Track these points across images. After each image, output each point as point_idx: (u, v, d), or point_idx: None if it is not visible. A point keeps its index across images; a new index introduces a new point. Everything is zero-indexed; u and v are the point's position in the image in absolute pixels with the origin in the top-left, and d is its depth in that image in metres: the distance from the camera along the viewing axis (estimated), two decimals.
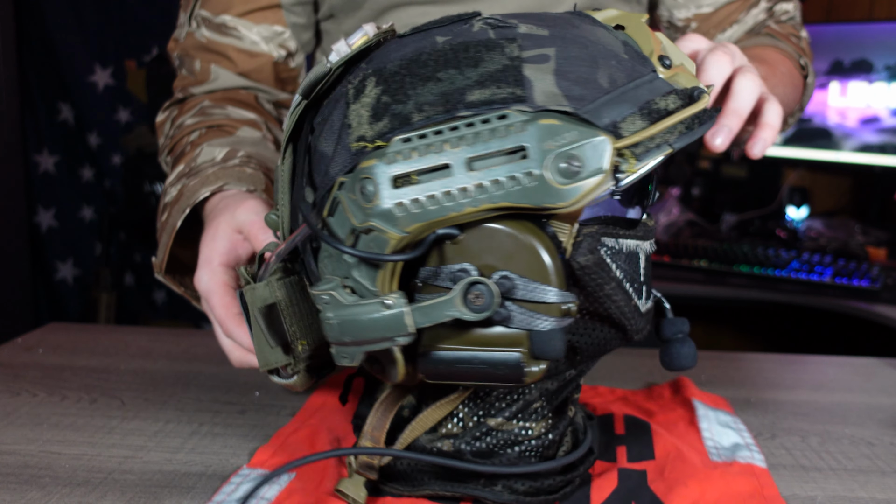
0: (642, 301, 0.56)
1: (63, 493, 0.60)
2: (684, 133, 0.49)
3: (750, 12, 0.96)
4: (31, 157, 2.50)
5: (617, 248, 0.53)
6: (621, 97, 0.48)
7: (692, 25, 0.97)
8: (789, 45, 0.93)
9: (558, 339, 0.49)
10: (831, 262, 1.85)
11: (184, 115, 0.89)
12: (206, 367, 0.90)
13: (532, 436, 0.60)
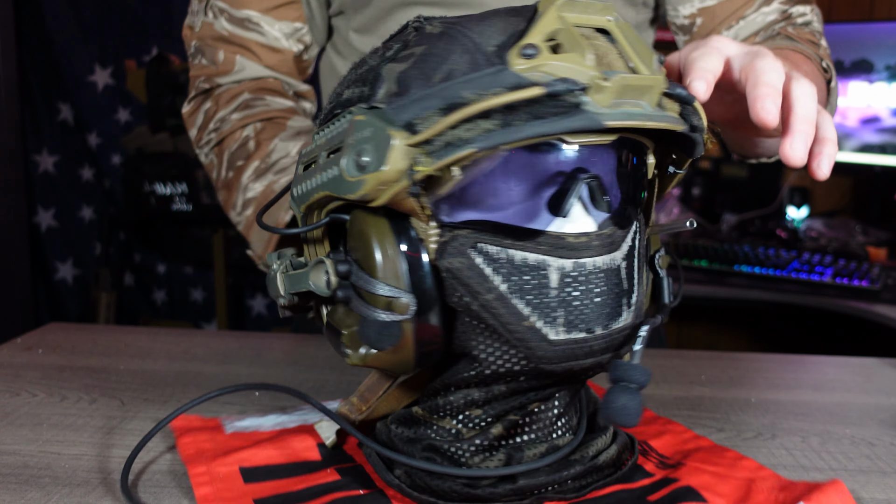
0: (554, 327, 0.51)
1: (63, 493, 0.60)
2: (496, 130, 0.46)
3: (760, 10, 0.90)
4: (31, 157, 2.51)
5: (503, 257, 0.51)
6: (438, 93, 0.47)
7: (697, 21, 0.93)
8: (809, 47, 0.87)
9: (383, 330, 0.51)
10: (831, 262, 1.85)
11: (223, 108, 0.91)
12: (206, 367, 0.90)
13: (449, 437, 0.57)
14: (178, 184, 2.40)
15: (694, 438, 0.69)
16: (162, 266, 2.84)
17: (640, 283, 0.55)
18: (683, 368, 0.93)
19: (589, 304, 0.51)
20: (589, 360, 0.52)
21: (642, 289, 0.56)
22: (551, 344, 0.51)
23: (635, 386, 0.50)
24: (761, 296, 1.80)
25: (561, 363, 0.52)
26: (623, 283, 0.53)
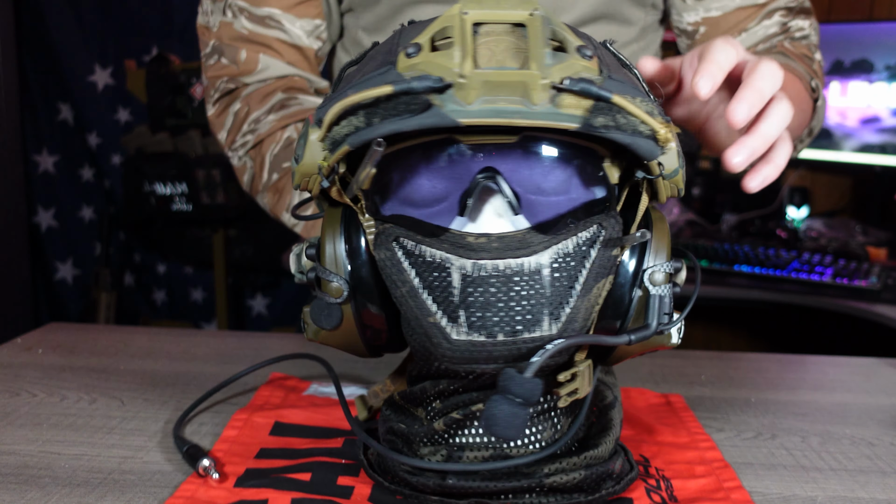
0: (456, 327, 0.51)
1: (63, 493, 0.60)
2: (363, 128, 0.47)
3: (761, 23, 0.93)
4: (31, 157, 2.51)
5: (417, 253, 0.52)
6: (340, 92, 0.50)
7: (701, 30, 0.95)
8: (801, 65, 0.90)
9: (323, 311, 0.56)
10: (831, 262, 1.85)
11: (256, 108, 0.90)
12: (206, 367, 0.90)
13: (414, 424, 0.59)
14: (178, 184, 2.40)
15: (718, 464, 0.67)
16: (162, 266, 2.84)
17: (582, 295, 0.52)
18: (683, 368, 0.93)
19: (492, 308, 0.51)
20: (490, 365, 0.51)
21: (588, 302, 0.53)
22: (452, 343, 0.51)
23: (517, 399, 0.48)
24: (761, 296, 1.80)
25: (462, 364, 0.52)
26: (547, 290, 0.51)
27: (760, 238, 2.11)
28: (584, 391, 0.57)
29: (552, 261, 0.51)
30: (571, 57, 0.48)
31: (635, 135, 0.48)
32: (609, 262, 0.53)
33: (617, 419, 0.62)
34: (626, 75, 0.52)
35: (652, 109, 0.49)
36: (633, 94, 0.49)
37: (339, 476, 0.61)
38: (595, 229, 0.53)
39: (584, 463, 0.57)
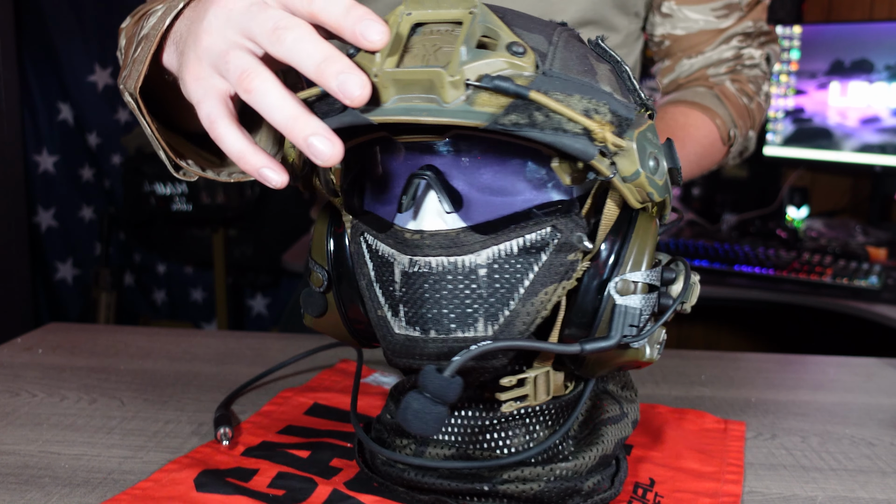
0: (398, 321, 0.52)
1: (63, 493, 0.60)
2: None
3: (718, 48, 1.01)
4: (31, 157, 2.51)
5: (374, 247, 0.54)
6: None
7: (665, 43, 1.03)
8: (731, 111, 0.98)
9: (308, 299, 0.60)
10: (831, 262, 1.85)
11: None
12: (206, 367, 0.90)
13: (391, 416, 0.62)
14: (178, 184, 2.41)
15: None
16: (162, 266, 2.84)
17: (525, 299, 0.51)
18: (683, 368, 0.93)
19: (426, 305, 0.51)
20: (423, 361, 0.51)
21: (532, 307, 0.51)
22: (393, 337, 0.53)
23: (428, 395, 0.47)
24: (761, 296, 1.80)
25: (400, 358, 0.52)
26: (483, 291, 0.51)
27: (760, 238, 2.11)
28: (536, 399, 0.56)
29: (490, 262, 0.51)
30: (496, 54, 0.46)
31: (558, 133, 0.45)
32: (563, 267, 0.52)
33: (611, 436, 0.58)
34: (588, 72, 0.49)
35: (598, 107, 0.47)
36: (573, 92, 0.47)
37: (334, 458, 0.64)
38: (548, 232, 0.51)
39: (549, 475, 0.55)
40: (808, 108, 2.18)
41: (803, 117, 2.19)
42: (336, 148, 0.45)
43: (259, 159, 0.49)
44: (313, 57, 0.45)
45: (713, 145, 0.98)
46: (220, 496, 0.58)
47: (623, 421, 0.60)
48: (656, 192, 0.50)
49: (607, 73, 0.51)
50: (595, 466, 0.57)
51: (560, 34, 0.51)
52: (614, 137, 0.46)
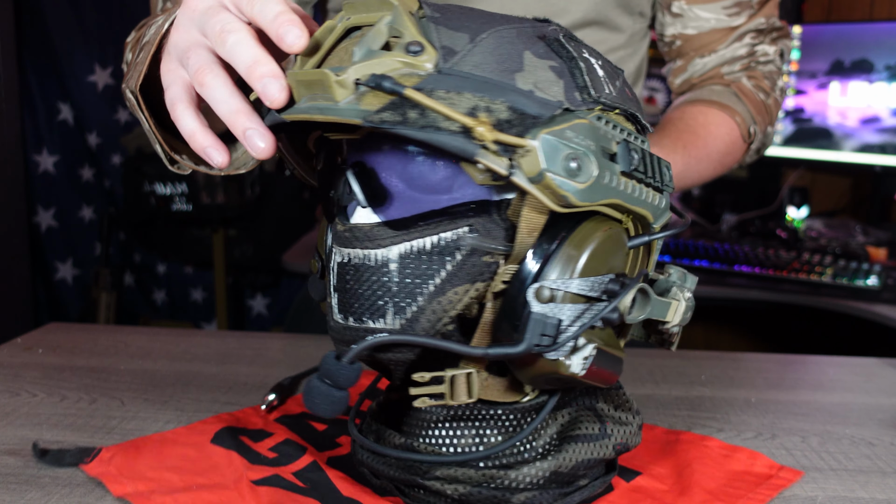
0: (334, 308, 0.54)
1: (63, 493, 0.60)
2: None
3: (731, 46, 1.00)
4: (31, 157, 2.51)
5: (327, 239, 0.59)
6: None
7: (677, 43, 1.02)
8: (749, 107, 0.98)
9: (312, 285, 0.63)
10: (831, 262, 1.85)
11: None
12: (206, 367, 0.90)
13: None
14: (178, 184, 2.41)
15: None
16: (162, 266, 2.84)
17: (433, 296, 0.51)
18: (683, 368, 0.93)
19: (347, 294, 0.53)
20: (344, 347, 0.53)
21: (440, 305, 0.51)
22: (333, 323, 0.55)
23: (327, 380, 0.49)
24: (761, 296, 1.80)
25: (337, 344, 0.55)
26: (393, 285, 0.52)
27: (760, 238, 2.11)
28: (455, 400, 0.54)
29: (402, 257, 0.51)
30: (391, 54, 0.47)
31: (431, 130, 0.45)
32: (477, 268, 0.51)
33: (574, 454, 0.56)
34: (509, 70, 0.48)
35: (490, 105, 0.46)
36: (466, 90, 0.47)
37: (342, 435, 0.71)
38: (463, 232, 0.51)
39: (480, 479, 0.55)
40: (808, 108, 2.18)
41: (803, 117, 2.19)
42: (267, 142, 0.50)
43: (206, 140, 0.53)
44: (245, 60, 0.49)
45: (734, 143, 0.98)
46: (223, 450, 0.65)
47: (600, 442, 0.58)
48: (573, 195, 0.47)
49: (545, 70, 0.49)
50: (539, 483, 0.55)
51: (500, 32, 0.50)
52: (497, 135, 0.45)
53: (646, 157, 0.52)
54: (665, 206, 0.55)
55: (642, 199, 0.52)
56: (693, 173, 0.95)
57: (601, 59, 0.55)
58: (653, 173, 0.53)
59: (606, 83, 0.52)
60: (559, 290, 0.49)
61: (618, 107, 0.52)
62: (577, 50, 0.52)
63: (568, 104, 0.49)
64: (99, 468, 0.62)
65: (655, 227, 0.54)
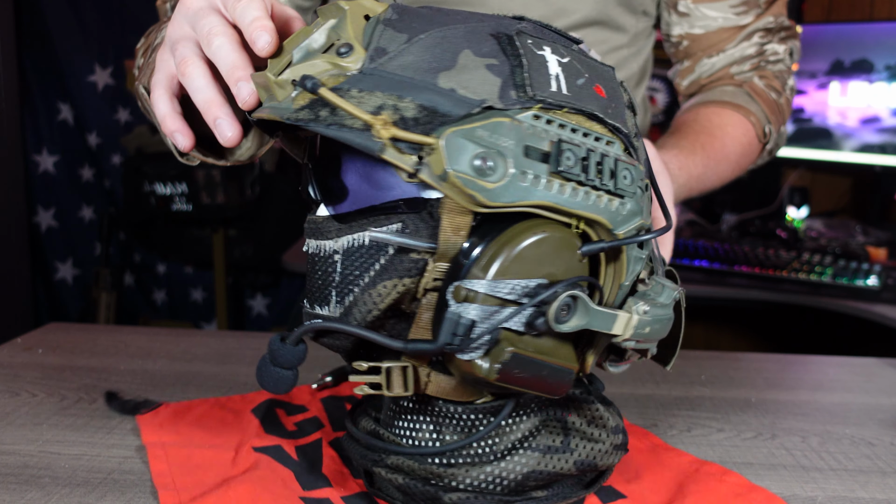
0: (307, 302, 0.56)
1: (63, 493, 0.60)
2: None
3: (739, 45, 0.99)
4: (31, 157, 2.50)
5: None
6: None
7: (684, 43, 1.01)
8: (763, 107, 0.97)
9: None
10: (831, 262, 1.85)
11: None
12: (206, 367, 0.90)
13: None
14: (178, 184, 2.40)
15: None
16: (162, 266, 2.84)
17: (366, 288, 0.52)
18: (683, 368, 0.93)
19: (309, 281, 0.56)
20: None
21: (370, 297, 0.52)
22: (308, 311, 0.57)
23: (269, 357, 0.52)
24: (761, 296, 1.80)
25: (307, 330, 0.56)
26: (336, 276, 0.53)
27: (760, 238, 2.11)
28: (390, 391, 0.54)
29: (344, 249, 0.53)
30: (323, 56, 0.50)
31: (337, 127, 0.47)
32: (405, 264, 0.51)
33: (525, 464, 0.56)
34: (435, 70, 0.49)
35: (399, 104, 0.47)
36: (380, 89, 0.48)
37: None
38: (396, 228, 0.52)
39: (422, 473, 0.56)
40: (808, 108, 2.18)
41: (803, 117, 2.19)
42: (234, 131, 0.54)
43: (174, 124, 0.57)
44: (226, 64, 0.53)
45: (750, 144, 0.97)
46: (253, 418, 0.72)
47: (559, 455, 0.57)
48: (481, 195, 0.47)
49: (480, 69, 0.49)
50: (478, 487, 0.56)
51: (444, 31, 0.50)
52: (394, 132, 0.46)
53: (591, 158, 0.50)
54: (631, 211, 0.51)
55: (587, 203, 0.50)
56: (713, 175, 0.93)
57: (571, 57, 0.53)
58: (598, 175, 0.50)
59: (558, 81, 0.51)
60: (474, 291, 0.49)
61: (567, 105, 0.50)
62: (535, 47, 0.51)
63: (493, 102, 0.48)
64: (147, 419, 0.72)
65: (618, 233, 0.51)
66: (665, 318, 0.54)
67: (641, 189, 0.53)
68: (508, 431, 0.57)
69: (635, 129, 0.56)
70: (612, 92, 0.54)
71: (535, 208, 0.49)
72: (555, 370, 0.52)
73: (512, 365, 0.50)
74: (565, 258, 0.51)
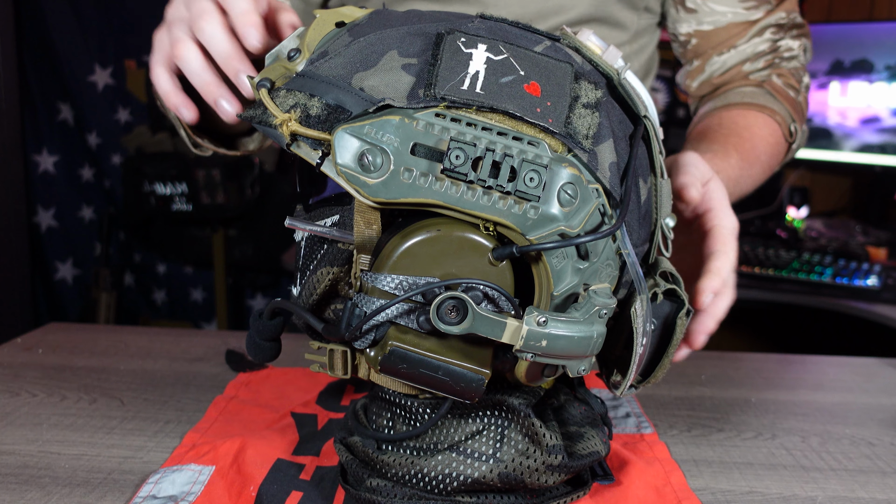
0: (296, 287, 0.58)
1: (63, 493, 0.60)
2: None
3: (751, 41, 0.96)
4: (31, 157, 2.50)
5: None
6: None
7: (692, 41, 0.98)
8: (786, 105, 0.94)
9: None
10: (831, 262, 1.85)
11: None
12: (206, 367, 0.90)
13: None
14: (178, 184, 2.40)
15: None
16: (162, 266, 2.84)
17: (311, 273, 0.56)
18: (683, 368, 0.93)
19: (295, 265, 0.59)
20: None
21: (312, 282, 0.56)
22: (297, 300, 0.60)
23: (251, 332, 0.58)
24: (761, 296, 1.80)
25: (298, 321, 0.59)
26: (300, 260, 0.58)
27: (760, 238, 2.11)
28: (333, 372, 0.57)
29: (303, 237, 0.58)
30: (280, 61, 0.54)
31: (264, 125, 0.51)
32: (336, 254, 0.55)
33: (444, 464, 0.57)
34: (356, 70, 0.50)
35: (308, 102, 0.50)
36: (298, 89, 0.51)
37: None
38: (335, 220, 0.55)
39: (360, 454, 0.60)
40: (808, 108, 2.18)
41: None
42: (234, 108, 0.57)
43: (178, 99, 0.61)
44: (220, 53, 0.57)
45: (778, 143, 0.94)
46: (315, 388, 0.81)
47: (483, 463, 0.56)
48: (363, 189, 0.48)
49: (396, 69, 0.50)
50: (396, 477, 0.57)
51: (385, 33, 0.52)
52: (296, 128, 0.49)
53: (486, 157, 0.47)
54: (544, 216, 0.48)
55: (485, 204, 0.48)
56: (747, 179, 0.89)
57: (511, 54, 0.51)
58: (494, 175, 0.47)
59: (475, 79, 0.49)
60: (369, 283, 0.51)
61: (476, 104, 0.49)
62: (466, 45, 0.50)
63: (396, 101, 0.49)
64: (243, 377, 0.85)
65: (531, 238, 0.48)
66: (577, 334, 0.50)
67: (573, 194, 0.48)
68: (452, 431, 0.58)
69: (594, 128, 0.51)
70: (556, 90, 0.50)
71: (431, 207, 0.49)
72: (453, 372, 0.51)
73: (394, 359, 0.51)
74: (470, 260, 0.50)
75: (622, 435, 0.73)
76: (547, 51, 0.52)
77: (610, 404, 0.80)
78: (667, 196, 0.58)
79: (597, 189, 0.50)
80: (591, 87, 0.52)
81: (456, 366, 0.51)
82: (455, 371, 0.51)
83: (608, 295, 0.51)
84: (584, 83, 0.52)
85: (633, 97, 0.55)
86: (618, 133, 0.53)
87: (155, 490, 0.60)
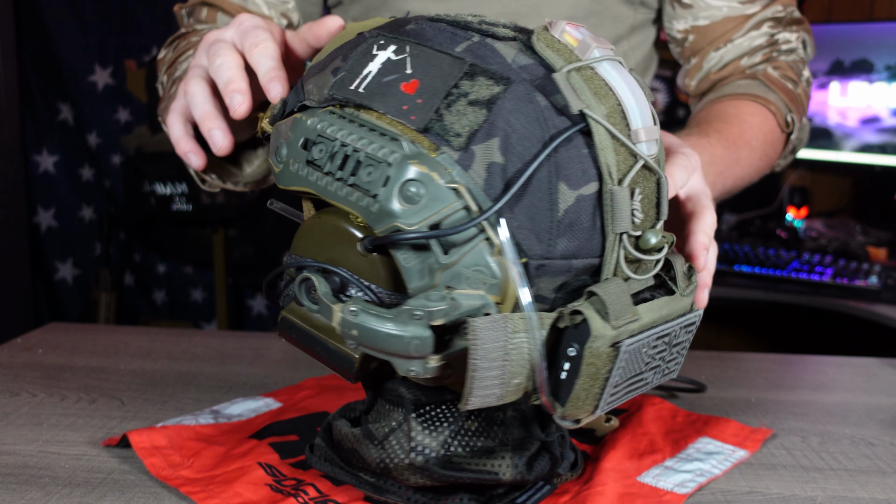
0: None
1: (63, 493, 0.60)
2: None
3: (748, 34, 0.95)
4: (31, 157, 2.51)
5: None
6: None
7: (690, 38, 0.97)
8: (782, 96, 0.93)
9: None
10: (831, 262, 1.85)
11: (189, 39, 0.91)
12: (206, 367, 0.90)
13: None
14: (178, 184, 2.40)
15: None
16: (162, 266, 2.84)
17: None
18: (684, 369, 0.93)
19: None
20: None
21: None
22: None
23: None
24: (761, 296, 1.80)
25: None
26: None
27: (760, 238, 2.11)
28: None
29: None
30: None
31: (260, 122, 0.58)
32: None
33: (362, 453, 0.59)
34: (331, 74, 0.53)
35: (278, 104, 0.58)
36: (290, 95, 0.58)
37: None
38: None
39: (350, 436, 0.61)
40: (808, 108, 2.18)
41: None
42: (225, 141, 0.61)
43: (188, 146, 0.65)
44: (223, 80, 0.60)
45: (773, 132, 0.93)
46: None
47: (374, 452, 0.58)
48: (274, 178, 0.56)
49: (328, 72, 0.54)
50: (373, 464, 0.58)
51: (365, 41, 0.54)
52: (263, 126, 0.58)
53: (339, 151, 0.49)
54: (381, 211, 0.47)
55: (340, 194, 0.49)
56: (733, 161, 0.85)
57: (411, 54, 0.51)
58: (341, 168, 0.49)
59: (364, 79, 0.51)
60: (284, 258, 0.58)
61: (351, 102, 0.51)
62: (378, 48, 0.52)
63: (312, 101, 0.54)
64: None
65: (377, 231, 0.48)
66: (385, 330, 0.48)
67: (418, 192, 0.47)
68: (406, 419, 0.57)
69: (474, 126, 0.48)
70: (436, 87, 0.49)
71: (311, 195, 0.54)
72: (330, 350, 0.53)
73: (284, 326, 0.57)
74: (342, 248, 0.52)
75: None
76: (465, 49, 0.50)
77: None
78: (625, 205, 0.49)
79: (455, 189, 0.47)
80: (490, 83, 0.48)
81: (332, 345, 0.53)
82: (331, 349, 0.53)
83: (442, 299, 0.48)
84: (480, 79, 0.49)
85: (568, 92, 0.49)
86: (524, 132, 0.48)
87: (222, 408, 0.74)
